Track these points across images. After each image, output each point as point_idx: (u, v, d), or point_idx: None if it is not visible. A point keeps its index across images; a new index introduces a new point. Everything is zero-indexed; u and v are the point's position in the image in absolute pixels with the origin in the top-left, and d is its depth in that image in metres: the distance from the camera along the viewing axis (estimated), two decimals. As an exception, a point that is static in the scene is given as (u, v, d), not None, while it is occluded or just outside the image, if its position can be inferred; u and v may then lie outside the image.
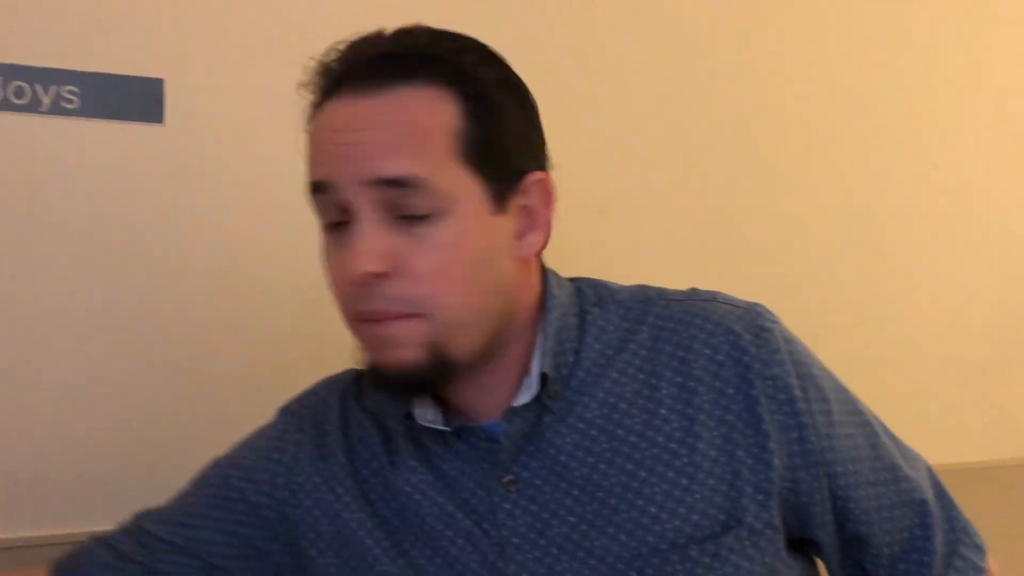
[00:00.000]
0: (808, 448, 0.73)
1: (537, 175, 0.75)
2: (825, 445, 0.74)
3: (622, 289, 0.81)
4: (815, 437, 0.73)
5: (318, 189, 0.71)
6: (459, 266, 0.70)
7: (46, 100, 1.07)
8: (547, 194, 0.76)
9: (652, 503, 0.71)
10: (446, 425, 0.77)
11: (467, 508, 0.75)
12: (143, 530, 0.88)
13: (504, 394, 0.75)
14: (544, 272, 0.80)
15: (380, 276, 0.68)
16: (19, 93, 1.06)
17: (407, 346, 0.69)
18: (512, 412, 0.74)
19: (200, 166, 1.13)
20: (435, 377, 0.71)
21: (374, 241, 0.68)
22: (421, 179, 0.68)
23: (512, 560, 0.73)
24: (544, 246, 0.77)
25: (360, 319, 0.71)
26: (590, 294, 0.80)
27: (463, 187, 0.70)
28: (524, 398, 0.74)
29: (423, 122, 0.69)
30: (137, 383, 1.11)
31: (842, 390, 0.78)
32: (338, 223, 0.71)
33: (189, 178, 1.13)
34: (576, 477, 0.73)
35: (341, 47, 0.75)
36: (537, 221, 0.75)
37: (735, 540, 0.71)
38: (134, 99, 1.10)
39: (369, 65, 0.71)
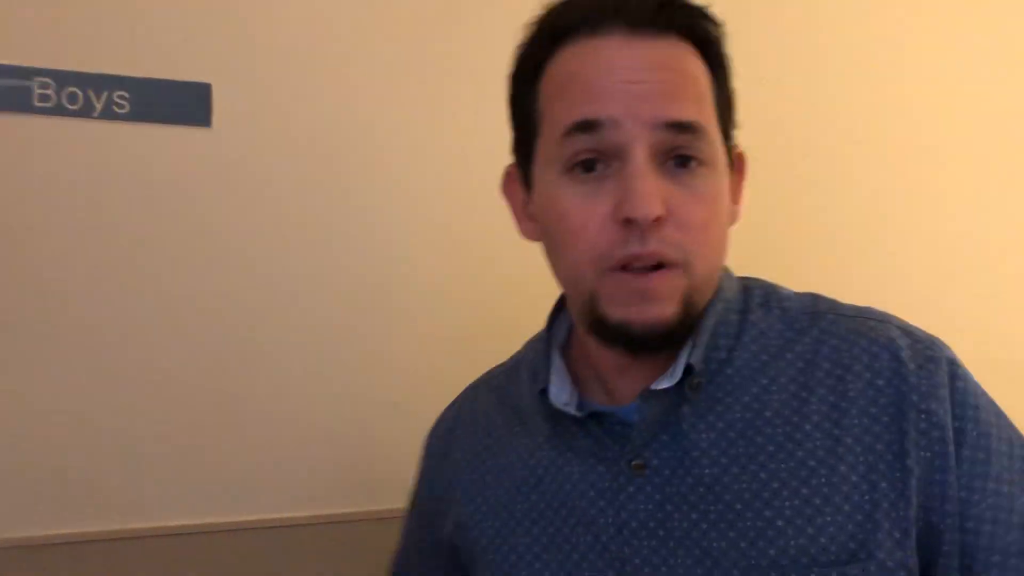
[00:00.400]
0: (947, 494, 0.67)
1: (738, 147, 0.75)
2: (966, 497, 0.67)
3: (792, 296, 0.77)
4: (958, 486, 0.67)
5: (588, 127, 0.67)
6: (718, 221, 0.70)
7: (98, 105, 1.09)
8: (744, 168, 0.77)
9: (780, 516, 0.67)
10: (579, 409, 0.75)
11: (588, 488, 0.74)
12: None
13: (649, 378, 0.72)
14: None
15: (657, 220, 0.66)
16: (72, 99, 1.08)
17: (667, 300, 0.68)
18: (649, 394, 0.71)
19: (247, 169, 1.15)
20: (682, 332, 0.70)
21: (657, 185, 0.66)
22: (704, 127, 0.68)
23: (627, 544, 0.71)
24: (737, 221, 0.75)
25: (620, 267, 0.67)
26: (758, 295, 0.77)
27: (720, 144, 0.71)
28: (664, 383, 0.71)
29: (699, 75, 0.70)
30: (166, 387, 1.13)
31: (1019, 446, 0.70)
32: (584, 164, 0.68)
33: (236, 181, 1.15)
34: (706, 475, 0.70)
35: None
36: (736, 194, 0.75)
37: (861, 573, 0.65)
38: (183, 103, 1.13)
39: (651, 10, 0.69)
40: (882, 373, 0.69)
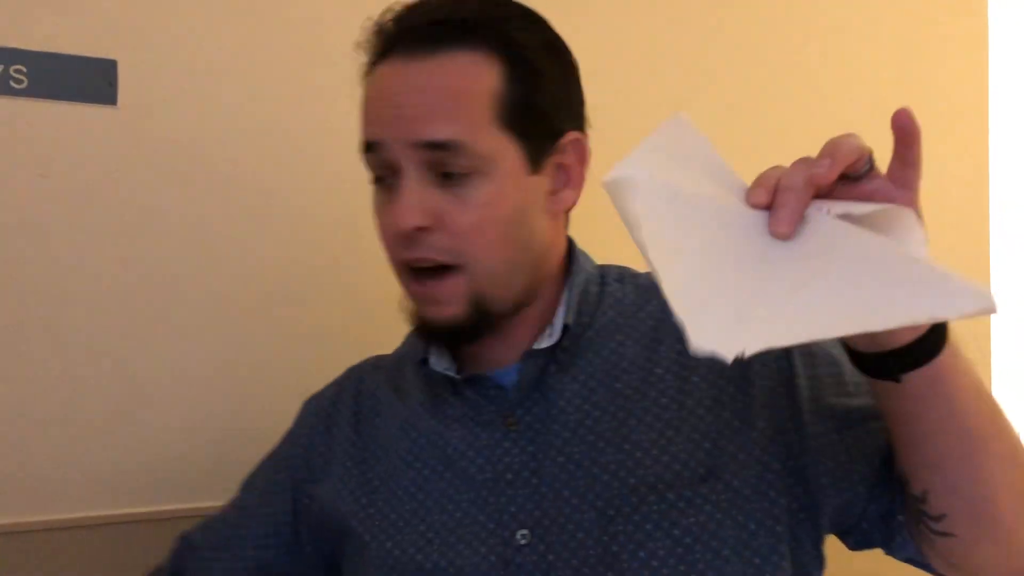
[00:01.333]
0: (799, 408, 0.75)
1: (573, 135, 0.80)
2: (836, 403, 0.75)
3: (644, 274, 0.85)
4: (808, 403, 0.75)
5: (368, 148, 0.76)
6: (495, 223, 0.75)
7: (-7, 79, 1.03)
8: (582, 153, 0.81)
9: (638, 448, 0.75)
10: (458, 373, 0.81)
11: (467, 448, 0.79)
12: (188, 544, 0.93)
13: (522, 345, 0.80)
14: (568, 236, 0.85)
15: (423, 230, 0.74)
16: (-36, 71, 1.02)
17: (450, 303, 0.76)
18: (530, 354, 0.78)
19: (154, 149, 1.10)
20: (477, 327, 0.77)
21: (418, 198, 0.73)
22: (461, 143, 0.73)
23: (503, 494, 0.76)
24: (575, 203, 0.81)
25: (405, 269, 0.77)
26: (614, 272, 0.86)
27: (501, 149, 0.75)
28: (545, 343, 0.79)
29: (466, 87, 0.74)
30: (82, 372, 1.08)
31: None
32: (386, 178, 0.77)
33: (142, 161, 1.10)
34: (570, 421, 0.77)
35: (396, 10, 0.78)
36: (571, 178, 0.80)
37: (711, 491, 0.73)
38: (86, 80, 1.07)
39: (419, 30, 0.75)
40: None
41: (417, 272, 0.76)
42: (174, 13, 1.11)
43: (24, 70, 1.05)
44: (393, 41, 0.76)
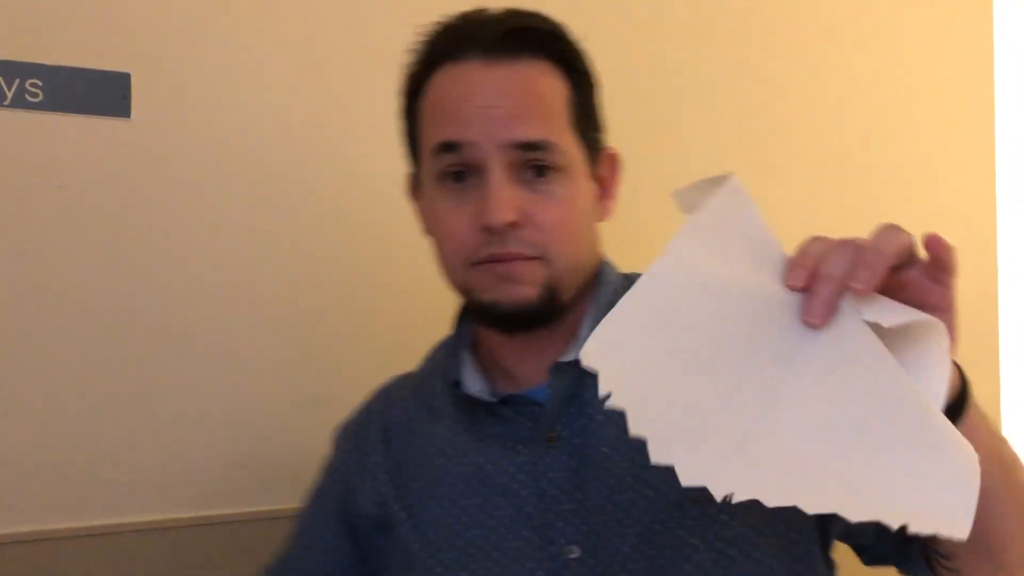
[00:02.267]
0: None
1: (610, 148, 0.87)
2: None
3: None
4: None
5: (451, 148, 0.78)
6: (573, 219, 0.79)
7: (9, 93, 1.05)
8: (616, 167, 0.87)
9: None
10: (492, 396, 0.83)
11: (508, 464, 0.80)
12: None
13: (552, 358, 0.80)
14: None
15: (512, 225, 0.76)
16: (-19, 86, 1.04)
17: (528, 284, 0.78)
18: (557, 367, 0.79)
19: (167, 161, 1.12)
20: (546, 312, 0.79)
21: (510, 195, 0.76)
22: (552, 143, 0.77)
23: (549, 510, 0.77)
24: (611, 214, 0.86)
25: (483, 262, 0.78)
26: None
27: (576, 151, 0.80)
28: (571, 355, 0.79)
29: (549, 92, 0.79)
30: (96, 382, 1.09)
31: None
32: (455, 175, 0.79)
33: (156, 173, 1.11)
34: (610, 437, 0.77)
35: (462, 16, 0.82)
36: (608, 190, 0.86)
37: (752, 502, 0.72)
38: (100, 93, 1.09)
39: (502, 36, 0.78)
40: None
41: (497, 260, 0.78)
42: (187, 26, 1.13)
43: (39, 84, 1.06)
44: (467, 45, 0.79)
